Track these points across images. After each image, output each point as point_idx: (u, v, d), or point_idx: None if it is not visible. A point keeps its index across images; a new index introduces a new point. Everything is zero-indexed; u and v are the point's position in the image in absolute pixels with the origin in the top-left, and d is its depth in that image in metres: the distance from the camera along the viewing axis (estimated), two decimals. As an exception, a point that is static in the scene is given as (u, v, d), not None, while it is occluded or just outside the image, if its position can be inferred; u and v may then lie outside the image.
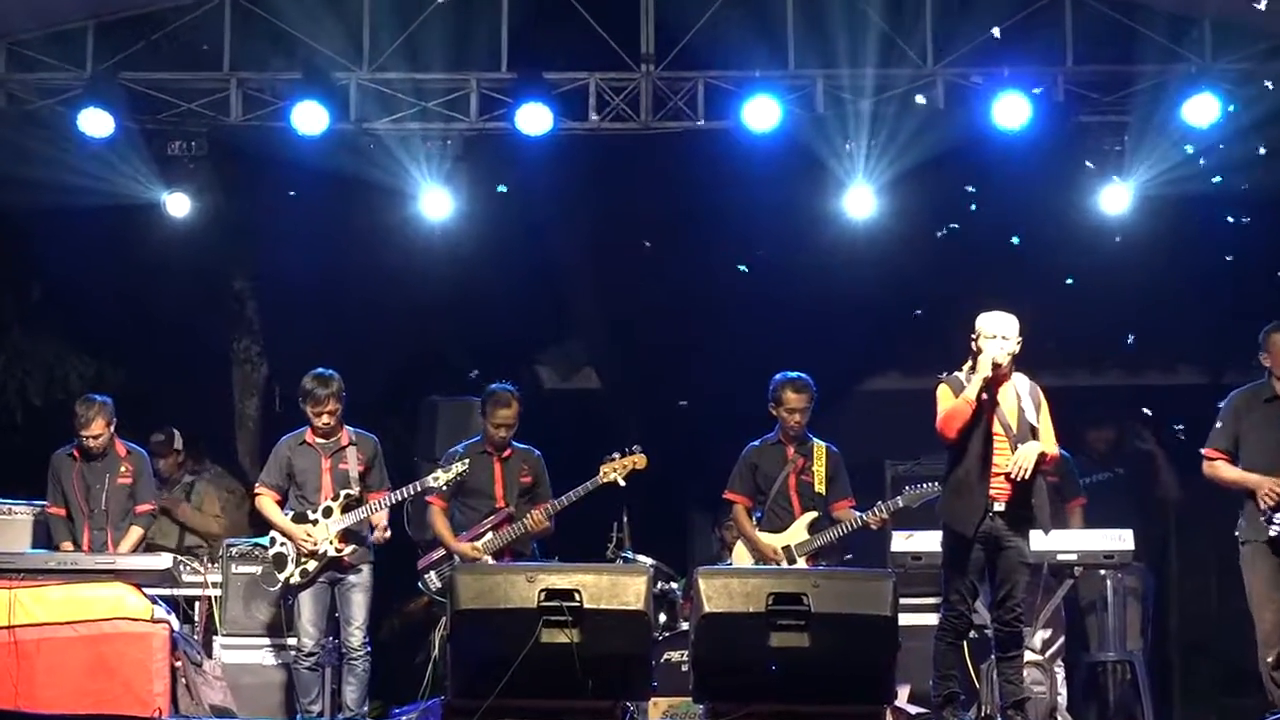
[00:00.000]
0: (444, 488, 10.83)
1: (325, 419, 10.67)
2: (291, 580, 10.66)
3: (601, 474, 10.88)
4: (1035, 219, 12.36)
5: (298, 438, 10.85)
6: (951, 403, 9.16)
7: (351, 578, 10.66)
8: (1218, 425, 9.75)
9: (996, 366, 9.11)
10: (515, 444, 11.08)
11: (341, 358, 11.07)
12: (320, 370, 10.74)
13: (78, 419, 11.10)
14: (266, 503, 10.83)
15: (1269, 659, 9.46)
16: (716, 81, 12.20)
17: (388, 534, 10.77)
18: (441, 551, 11.07)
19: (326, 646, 10.73)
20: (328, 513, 10.65)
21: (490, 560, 10.78)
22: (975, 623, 9.57)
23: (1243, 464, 9.63)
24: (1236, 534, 9.68)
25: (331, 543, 10.61)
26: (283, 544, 10.72)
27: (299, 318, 13.19)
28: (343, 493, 10.67)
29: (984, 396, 9.15)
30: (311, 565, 10.63)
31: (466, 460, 10.86)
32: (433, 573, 11.09)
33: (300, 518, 10.69)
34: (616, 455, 10.88)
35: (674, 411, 13.15)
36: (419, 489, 10.80)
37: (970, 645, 9.81)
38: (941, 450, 9.47)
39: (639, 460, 10.87)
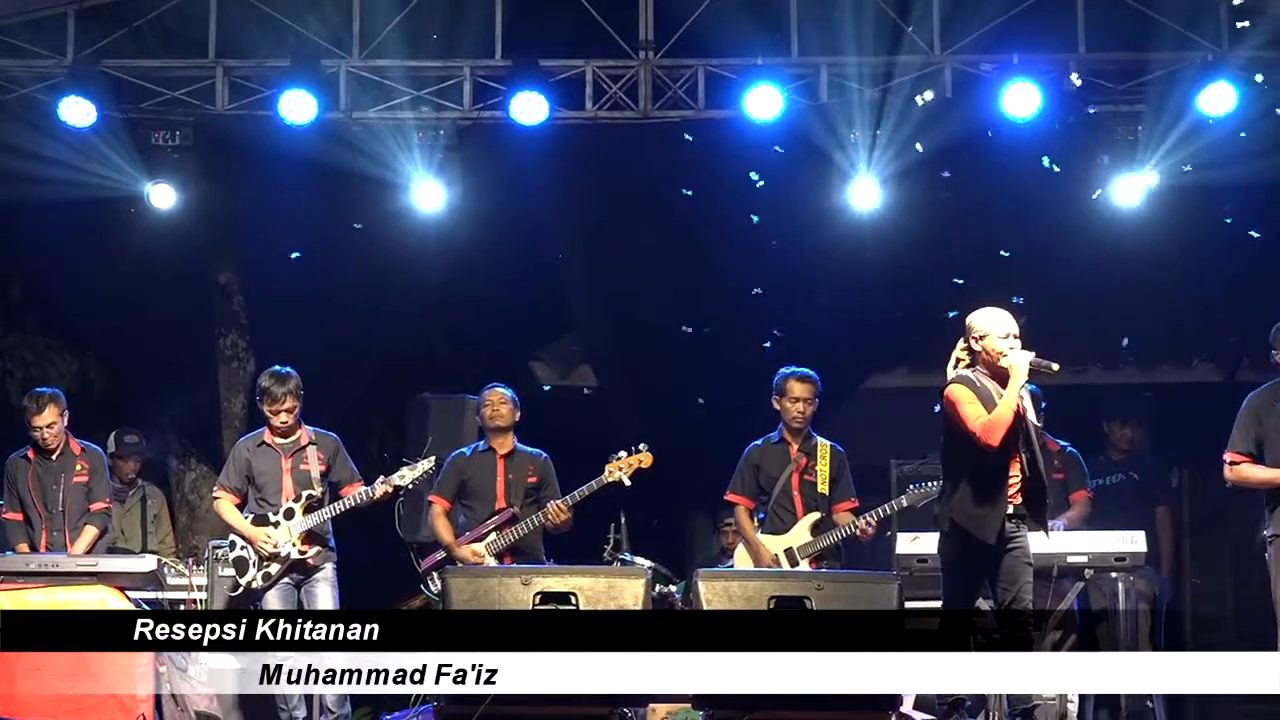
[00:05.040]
0: (410, 485, 10.70)
1: (283, 417, 10.52)
2: (254, 584, 10.52)
3: (607, 473, 10.78)
4: (1046, 211, 12.11)
5: (256, 438, 10.73)
6: (978, 408, 8.85)
7: (316, 576, 10.50)
8: (1237, 428, 9.68)
9: (1047, 369, 8.89)
10: (521, 446, 10.98)
11: (330, 353, 10.96)
12: (276, 368, 10.61)
13: (29, 411, 11.02)
14: (225, 506, 10.69)
15: None
16: (717, 69, 11.99)
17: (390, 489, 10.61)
18: (443, 554, 10.95)
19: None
20: (289, 514, 10.50)
21: (493, 562, 10.67)
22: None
23: (1268, 463, 9.57)
24: (1265, 533, 9.56)
25: (294, 544, 10.46)
26: (243, 548, 10.57)
27: (287, 312, 12.97)
28: (304, 494, 10.52)
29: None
30: (274, 568, 10.48)
31: (431, 457, 10.75)
32: (435, 574, 10.93)
33: (261, 520, 10.55)
34: (623, 454, 10.79)
35: (673, 410, 12.94)
36: (389, 489, 10.60)
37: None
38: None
39: (645, 459, 10.78)
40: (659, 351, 13.36)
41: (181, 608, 11.10)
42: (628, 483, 10.75)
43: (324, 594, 10.44)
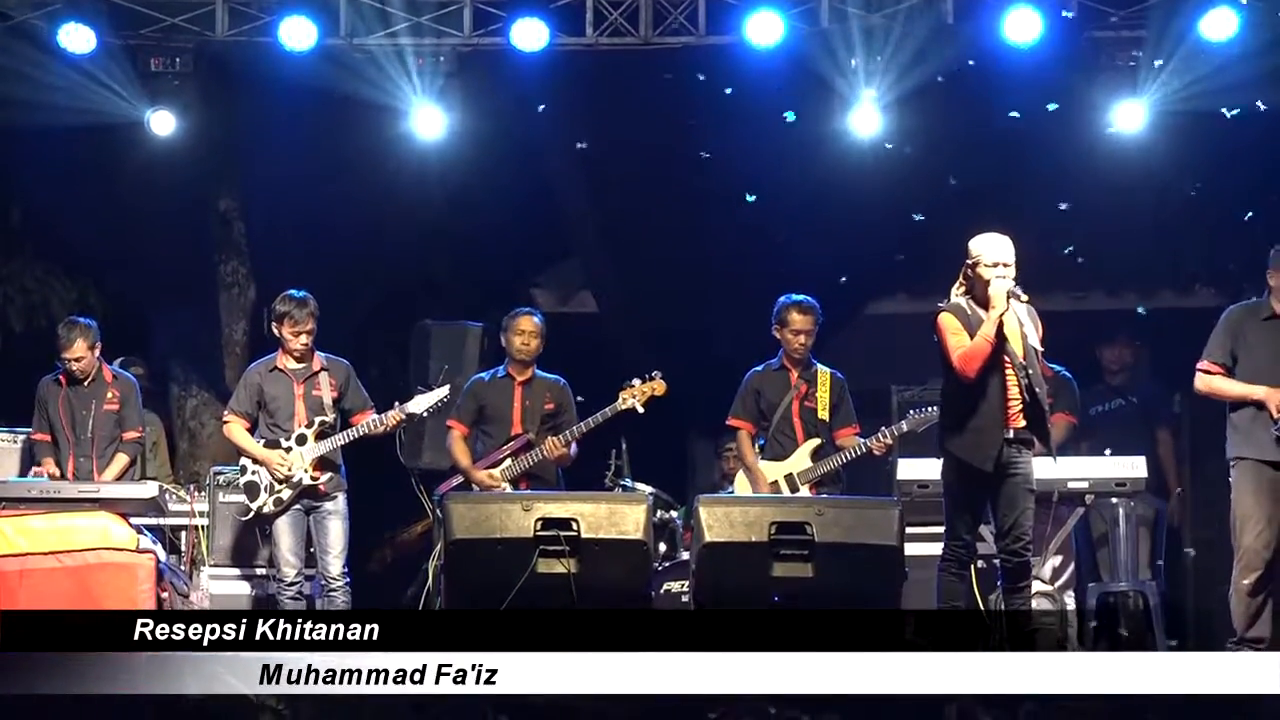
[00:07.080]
0: (425, 414, 10.69)
1: (304, 339, 10.48)
2: (264, 509, 10.50)
3: (620, 400, 10.74)
4: (1048, 137, 12.07)
5: (268, 363, 10.68)
6: (962, 338, 8.85)
7: (327, 505, 10.50)
8: (1213, 339, 9.61)
9: (1014, 297, 8.82)
10: (540, 373, 10.97)
11: (330, 280, 10.96)
12: (293, 291, 10.57)
13: (59, 340, 11.01)
14: (236, 429, 10.66)
15: (1245, 582, 9.32)
16: (718, -6, 11.91)
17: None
18: (460, 479, 10.94)
19: (311, 577, 10.60)
20: (301, 440, 10.48)
21: (508, 488, 10.65)
22: (982, 552, 9.37)
23: (1240, 379, 9.48)
24: (1230, 455, 9.49)
25: (306, 470, 10.45)
26: (254, 472, 10.54)
27: (287, 239, 12.99)
28: (317, 420, 10.50)
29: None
30: (285, 493, 10.46)
31: (446, 386, 10.76)
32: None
33: (272, 445, 10.53)
34: (636, 381, 10.76)
35: (672, 337, 12.94)
36: (402, 416, 10.62)
37: (977, 576, 9.55)
38: (948, 374, 9.23)
39: (658, 386, 10.75)
40: (659, 277, 13.35)
41: (183, 534, 11.19)
42: (640, 410, 10.72)
43: (335, 528, 10.43)
